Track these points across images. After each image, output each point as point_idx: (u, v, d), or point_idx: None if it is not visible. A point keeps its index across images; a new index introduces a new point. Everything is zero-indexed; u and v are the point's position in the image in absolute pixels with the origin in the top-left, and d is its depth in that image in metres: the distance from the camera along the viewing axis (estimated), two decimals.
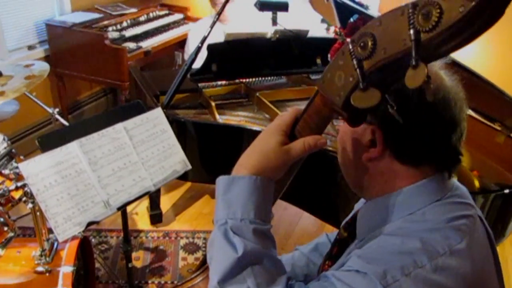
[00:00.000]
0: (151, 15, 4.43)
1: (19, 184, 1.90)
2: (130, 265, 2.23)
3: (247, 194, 0.82)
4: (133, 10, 4.28)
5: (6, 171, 2.03)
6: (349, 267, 0.79)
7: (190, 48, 3.63)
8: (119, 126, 1.87)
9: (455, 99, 0.84)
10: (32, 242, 2.22)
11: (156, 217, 3.14)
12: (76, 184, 1.73)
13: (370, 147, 0.88)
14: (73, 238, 2.19)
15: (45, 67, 2.28)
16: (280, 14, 2.87)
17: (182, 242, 3.06)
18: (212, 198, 3.51)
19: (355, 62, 0.70)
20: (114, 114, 1.95)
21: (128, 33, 3.95)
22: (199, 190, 3.56)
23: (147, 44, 3.91)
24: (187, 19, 4.66)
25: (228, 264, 0.78)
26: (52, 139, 1.76)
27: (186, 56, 3.65)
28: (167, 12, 4.65)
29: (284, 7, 2.90)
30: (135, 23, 4.19)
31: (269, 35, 2.84)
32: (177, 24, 4.51)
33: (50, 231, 2.16)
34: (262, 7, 2.78)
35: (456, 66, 1.96)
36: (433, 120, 0.83)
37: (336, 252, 1.06)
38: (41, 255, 2.06)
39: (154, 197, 3.05)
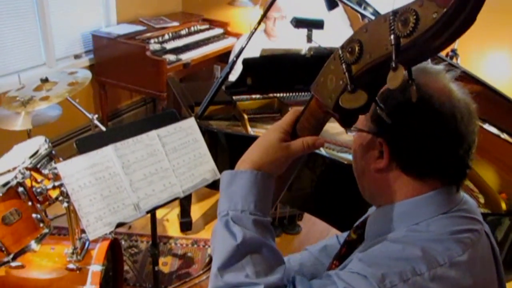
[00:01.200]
0: (192, 29, 4.56)
1: (56, 183, 2.01)
2: (156, 268, 2.29)
3: (248, 187, 0.86)
4: (175, 23, 4.41)
5: (45, 171, 2.14)
6: (351, 269, 0.82)
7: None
8: (153, 133, 1.95)
9: (462, 112, 0.85)
10: (65, 241, 2.32)
11: (186, 225, 3.21)
12: (109, 186, 1.81)
13: (378, 158, 0.91)
14: (104, 239, 2.28)
15: (87, 74, 2.40)
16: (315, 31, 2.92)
17: (210, 250, 3.11)
18: None
19: (344, 66, 0.75)
20: (149, 122, 2.03)
21: (169, 45, 4.08)
22: None
23: (187, 56, 4.02)
24: (226, 34, 4.77)
25: (228, 252, 0.82)
26: (89, 142, 1.85)
27: None
28: (207, 26, 4.77)
29: (319, 25, 2.95)
30: (176, 36, 4.33)
31: (303, 52, 2.90)
32: (217, 39, 4.62)
33: (82, 231, 2.27)
34: (297, 24, 2.84)
35: (473, 80, 1.97)
36: (439, 133, 0.85)
37: (344, 252, 1.09)
38: (72, 253, 2.16)
39: (185, 205, 3.13)
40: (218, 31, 4.72)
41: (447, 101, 0.85)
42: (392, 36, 0.66)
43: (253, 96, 2.91)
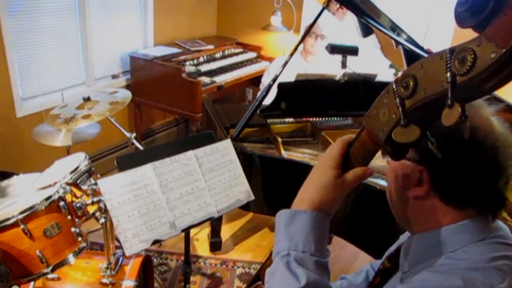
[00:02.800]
0: (226, 52, 4.67)
1: (95, 199, 2.06)
2: (187, 286, 2.32)
3: (308, 228, 0.87)
4: (210, 47, 4.52)
5: (84, 187, 2.20)
6: None
7: (265, 81, 3.79)
8: (190, 153, 1.99)
9: (503, 146, 0.87)
10: (99, 256, 2.37)
11: (215, 245, 3.23)
12: (147, 204, 1.85)
13: (416, 186, 0.92)
14: (137, 255, 2.33)
15: (127, 94, 2.48)
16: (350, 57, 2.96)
17: (238, 271, 3.13)
18: (271, 232, 3.57)
19: (397, 100, 0.76)
20: (186, 142, 2.08)
21: (204, 68, 4.18)
22: (259, 223, 3.64)
23: (221, 79, 4.11)
24: (260, 57, 4.85)
25: None
26: (129, 160, 1.91)
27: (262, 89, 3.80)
28: (241, 50, 4.87)
29: (354, 51, 2.98)
30: (211, 59, 4.43)
31: (338, 77, 2.93)
32: (250, 62, 4.70)
33: (117, 247, 2.32)
34: (332, 50, 2.88)
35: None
36: (480, 165, 0.87)
37: (378, 281, 1.09)
38: (107, 268, 2.20)
39: (215, 225, 3.16)
40: (251, 55, 4.81)
41: (490, 134, 0.86)
42: (448, 74, 0.67)
43: (286, 119, 2.95)
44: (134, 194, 1.83)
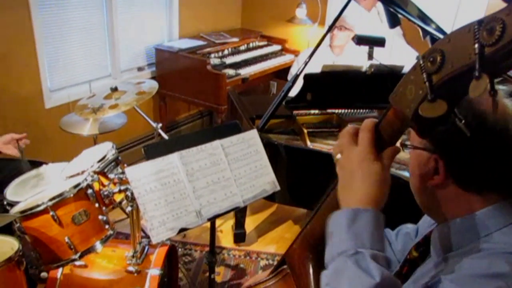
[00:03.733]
0: (251, 45, 4.67)
1: (122, 187, 2.08)
2: (212, 276, 2.33)
3: (372, 226, 0.85)
4: (235, 39, 4.52)
5: (111, 175, 2.22)
6: None
7: (294, 72, 3.77)
8: (216, 143, 2.00)
9: None
10: (125, 244, 2.40)
11: (239, 236, 3.24)
12: (173, 192, 1.86)
13: (433, 175, 0.91)
14: (162, 244, 2.34)
15: (154, 85, 2.49)
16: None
17: (262, 263, 3.13)
18: (294, 224, 3.57)
19: (424, 75, 0.75)
20: (213, 132, 2.08)
21: (229, 60, 4.19)
22: (283, 215, 3.64)
23: (245, 71, 4.11)
24: (284, 50, 4.84)
25: None
26: (156, 149, 1.92)
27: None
28: (266, 43, 4.86)
29: (381, 43, 2.95)
30: (236, 52, 4.44)
31: (364, 69, 2.90)
32: (275, 55, 4.69)
33: (142, 236, 2.34)
34: (359, 41, 2.86)
35: None
36: (493, 148, 0.85)
37: (406, 271, 1.08)
38: (133, 256, 2.22)
39: (239, 217, 3.17)
40: (276, 47, 4.79)
41: (501, 116, 0.85)
42: (476, 45, 0.66)
43: (312, 111, 2.94)
44: (161, 183, 1.84)
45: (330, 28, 2.69)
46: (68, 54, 3.54)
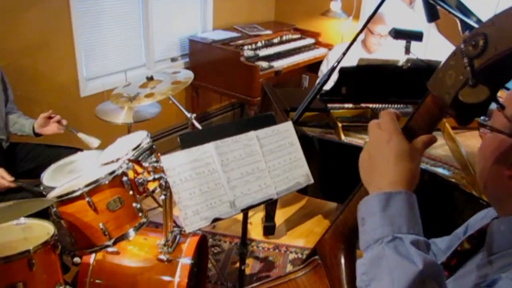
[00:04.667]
0: (284, 37, 4.64)
1: (156, 176, 2.09)
2: (243, 267, 2.32)
3: (407, 208, 0.81)
4: (268, 32, 4.50)
5: (145, 164, 2.24)
6: None
7: (324, 68, 3.74)
8: (251, 134, 1.99)
9: None
10: (156, 233, 2.41)
11: (269, 229, 3.24)
12: (208, 182, 1.86)
13: None
14: (194, 234, 2.35)
15: (189, 75, 2.50)
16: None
17: (291, 256, 3.12)
18: (324, 219, 3.54)
19: (466, 60, 0.73)
20: (248, 123, 2.07)
21: (262, 52, 4.17)
22: (313, 209, 3.62)
23: (278, 64, 4.09)
24: (317, 44, 4.79)
25: (409, 280, 0.74)
26: (191, 138, 1.92)
27: (321, 75, 3.75)
28: (299, 36, 4.82)
29: (419, 37, 2.89)
30: (269, 44, 4.42)
31: (400, 63, 2.85)
32: (308, 48, 4.65)
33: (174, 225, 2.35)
34: (396, 35, 2.80)
35: None
36: None
37: (455, 263, 1.04)
38: (164, 245, 2.23)
39: (269, 210, 3.16)
40: (309, 41, 4.75)
41: None
42: None
43: (346, 105, 2.91)
44: (195, 172, 1.84)
45: (367, 24, 2.64)
46: (103, 43, 3.58)
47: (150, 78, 2.49)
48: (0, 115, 2.58)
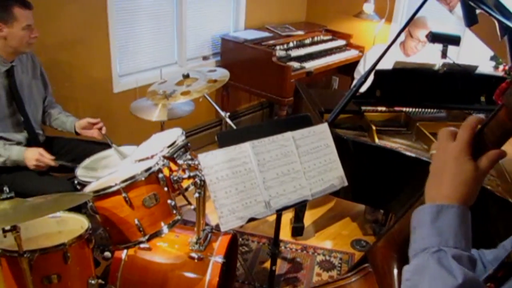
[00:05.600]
0: (315, 38, 4.63)
1: (191, 174, 2.10)
2: (274, 267, 2.32)
3: (457, 223, 0.82)
4: (300, 32, 4.49)
5: (180, 161, 2.25)
6: None
7: (361, 69, 3.70)
8: (288, 134, 1.98)
9: None
10: (187, 230, 2.42)
11: (298, 230, 3.23)
12: (244, 181, 1.86)
13: None
14: (225, 233, 2.35)
15: (225, 73, 2.50)
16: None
17: (319, 258, 3.11)
18: (352, 221, 3.52)
19: None
20: (284, 123, 2.07)
21: (293, 53, 4.16)
22: (341, 211, 3.60)
23: (310, 65, 4.08)
24: (348, 45, 4.76)
25: None
26: (229, 137, 1.93)
27: (357, 76, 3.72)
28: (330, 37, 4.80)
29: (456, 41, 2.85)
30: (301, 45, 4.41)
31: (437, 67, 2.82)
32: (339, 50, 4.63)
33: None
34: (433, 39, 2.77)
35: None
36: None
37: (501, 275, 1.03)
38: (196, 242, 2.24)
39: (298, 211, 3.15)
40: (340, 42, 4.73)
41: None
42: None
43: (379, 108, 2.88)
44: (232, 171, 1.85)
45: (406, 26, 2.60)
46: (137, 40, 3.61)
47: (186, 76, 2.50)
48: (37, 110, 2.62)
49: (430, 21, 3.47)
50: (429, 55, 3.36)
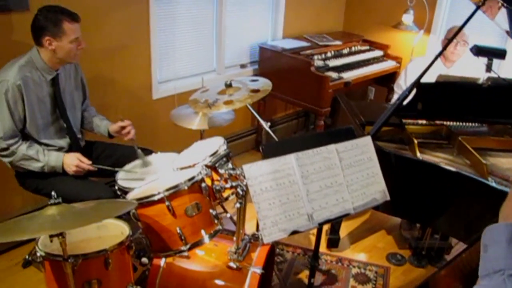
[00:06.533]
0: (353, 49, 4.60)
1: (233, 183, 2.10)
2: (312, 280, 2.31)
3: None
4: (338, 42, 4.48)
5: (221, 171, 2.25)
6: None
7: (402, 83, 3.65)
8: (332, 147, 1.97)
9: None
10: (226, 240, 2.42)
11: (333, 242, 3.20)
12: (288, 193, 1.85)
13: None
14: (264, 244, 2.34)
15: (268, 83, 2.50)
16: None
17: (354, 271, 3.07)
18: (387, 234, 3.47)
19: None
20: (328, 135, 2.06)
21: (331, 63, 4.16)
22: (376, 224, 3.56)
23: (348, 75, 4.05)
24: (386, 56, 4.72)
25: None
26: (273, 148, 1.93)
27: (397, 89, 3.67)
28: (368, 47, 4.77)
29: (501, 55, 2.80)
30: (338, 55, 4.40)
31: (481, 81, 2.76)
32: (376, 60, 4.59)
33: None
34: (478, 52, 2.72)
35: None
36: None
37: None
38: (235, 252, 2.23)
39: (335, 222, 3.12)
40: (378, 53, 4.69)
41: None
42: None
43: (420, 121, 2.84)
44: (276, 183, 1.84)
45: (452, 39, 2.57)
46: (176, 48, 3.65)
47: (229, 85, 2.50)
48: (77, 115, 2.66)
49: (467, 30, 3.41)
50: (473, 69, 3.30)
